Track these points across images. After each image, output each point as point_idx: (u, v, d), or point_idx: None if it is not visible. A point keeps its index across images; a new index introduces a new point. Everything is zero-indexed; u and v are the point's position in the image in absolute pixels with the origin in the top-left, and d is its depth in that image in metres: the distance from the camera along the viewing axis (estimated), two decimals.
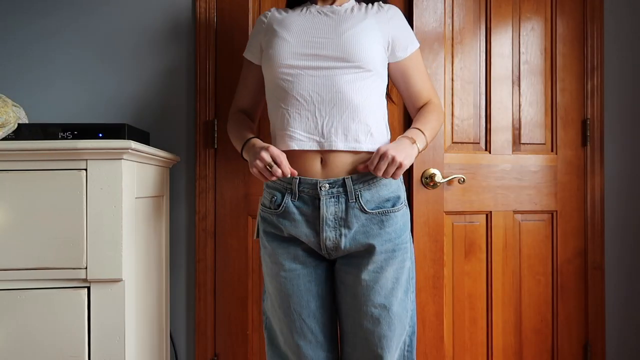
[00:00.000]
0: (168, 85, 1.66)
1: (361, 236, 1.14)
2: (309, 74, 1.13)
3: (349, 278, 1.18)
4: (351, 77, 1.13)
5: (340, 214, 1.14)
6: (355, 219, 1.14)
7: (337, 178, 1.13)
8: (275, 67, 1.16)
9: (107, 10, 1.65)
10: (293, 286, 1.18)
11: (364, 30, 1.17)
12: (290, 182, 1.15)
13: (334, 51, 1.13)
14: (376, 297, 1.14)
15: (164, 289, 1.55)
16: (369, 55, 1.15)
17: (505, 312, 1.75)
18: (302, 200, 1.15)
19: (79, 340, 1.11)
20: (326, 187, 1.13)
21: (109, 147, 1.11)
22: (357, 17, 1.20)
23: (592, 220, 1.81)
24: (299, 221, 1.15)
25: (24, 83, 1.61)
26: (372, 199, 1.15)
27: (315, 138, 1.13)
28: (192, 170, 1.67)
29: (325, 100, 1.12)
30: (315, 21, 1.19)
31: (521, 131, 1.78)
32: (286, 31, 1.18)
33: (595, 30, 1.81)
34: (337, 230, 1.14)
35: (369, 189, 1.15)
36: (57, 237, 1.10)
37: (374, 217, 1.15)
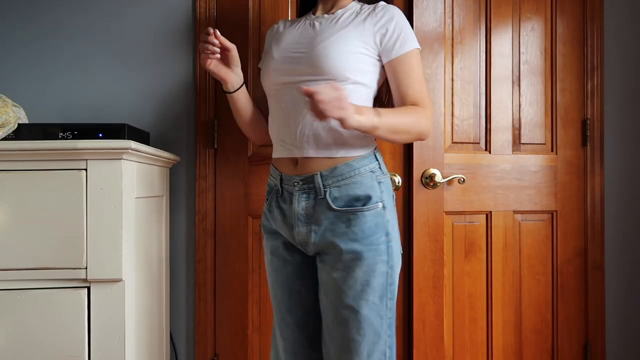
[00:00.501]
0: (168, 85, 1.66)
1: (329, 233, 1.14)
2: (288, 88, 1.18)
3: (322, 275, 1.18)
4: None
5: (309, 209, 1.16)
6: (323, 216, 1.15)
7: (308, 174, 1.16)
8: (265, 83, 1.25)
9: (107, 11, 1.65)
10: (276, 280, 1.26)
11: (335, 42, 1.15)
12: (277, 177, 1.23)
13: (305, 66, 1.16)
14: (344, 297, 1.12)
15: (164, 289, 1.55)
16: (339, 67, 1.14)
17: (505, 312, 1.75)
18: (283, 197, 1.22)
19: (79, 340, 1.11)
20: (299, 184, 1.17)
21: (109, 147, 1.11)
22: (338, 26, 1.19)
23: (592, 220, 1.81)
24: (280, 216, 1.22)
25: (24, 83, 1.61)
26: (341, 197, 1.14)
27: (290, 147, 1.19)
28: (192, 170, 1.67)
29: (298, 110, 1.16)
30: (301, 34, 1.22)
31: (521, 131, 1.78)
32: (276, 47, 1.24)
33: (595, 30, 1.81)
34: (308, 226, 1.16)
35: (338, 186, 1.15)
36: (57, 237, 1.10)
37: (342, 215, 1.14)
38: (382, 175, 1.20)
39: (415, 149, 1.68)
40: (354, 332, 1.12)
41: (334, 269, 1.14)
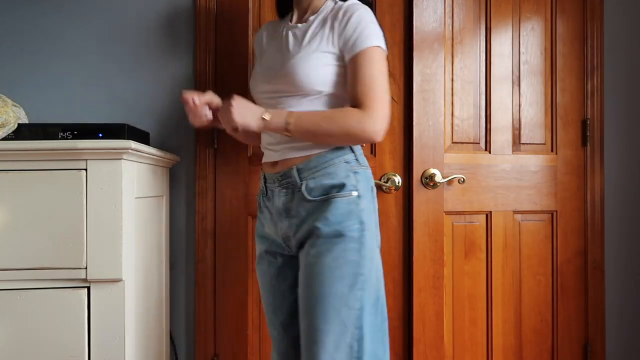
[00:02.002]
0: (168, 85, 1.66)
1: (305, 225, 1.16)
2: (267, 99, 1.24)
3: (300, 269, 1.18)
4: (297, 101, 1.19)
5: (288, 203, 1.20)
6: (301, 208, 1.17)
7: (285, 170, 1.20)
8: (252, 97, 1.30)
9: (107, 11, 1.65)
10: (262, 283, 1.31)
11: (305, 58, 1.17)
12: (261, 179, 1.30)
13: (278, 82, 1.21)
14: (313, 284, 1.11)
15: (164, 289, 1.55)
16: (309, 82, 1.16)
17: (505, 312, 1.75)
18: (267, 196, 1.26)
19: (79, 340, 1.11)
20: (279, 180, 1.21)
21: (108, 147, 1.11)
22: (307, 38, 1.19)
23: (592, 220, 1.81)
24: (268, 215, 1.26)
25: (24, 83, 1.61)
26: (316, 187, 1.17)
27: (274, 149, 1.24)
28: (192, 170, 1.67)
29: None
30: (277, 49, 1.27)
31: (521, 131, 1.78)
32: (259, 61, 1.32)
33: (595, 30, 1.81)
34: (289, 220, 1.19)
35: (314, 178, 1.17)
36: (57, 237, 1.10)
37: (317, 204, 1.16)
38: (359, 166, 1.20)
39: (415, 149, 1.68)
40: (319, 321, 1.09)
41: (307, 255, 1.15)
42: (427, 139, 1.68)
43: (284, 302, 1.26)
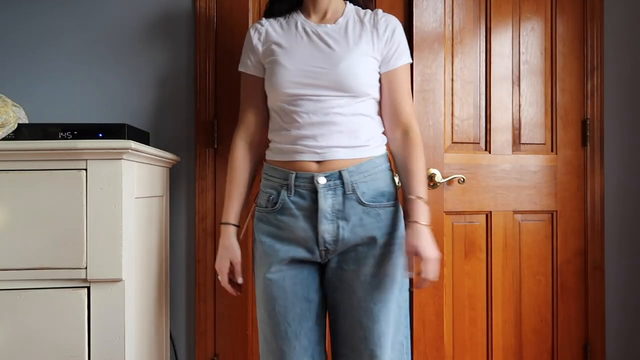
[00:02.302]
0: (168, 85, 1.66)
1: (359, 229, 1.17)
2: (308, 99, 1.19)
3: (346, 274, 1.19)
4: (346, 102, 1.19)
5: (337, 206, 1.17)
6: (352, 211, 1.17)
7: (334, 171, 1.17)
8: (278, 94, 1.22)
9: (107, 11, 1.64)
10: (279, 288, 1.20)
11: (357, 60, 1.20)
12: (286, 177, 1.19)
13: (329, 82, 1.18)
14: (375, 292, 1.16)
15: (164, 289, 1.55)
16: (362, 86, 1.20)
17: (505, 312, 1.75)
18: (299, 195, 1.18)
19: (79, 340, 1.11)
20: (323, 180, 1.16)
21: (108, 147, 1.11)
22: (351, 40, 1.22)
23: (592, 220, 1.81)
24: (297, 216, 1.18)
25: (24, 83, 1.61)
26: (368, 191, 1.18)
27: (315, 151, 1.19)
28: (192, 170, 1.67)
29: (322, 122, 1.18)
30: (312, 47, 1.22)
31: (521, 131, 1.78)
32: (286, 57, 1.22)
33: (595, 30, 1.81)
34: (335, 222, 1.16)
35: (365, 182, 1.18)
36: (57, 237, 1.10)
37: (370, 210, 1.18)
38: (393, 174, 1.27)
39: None
40: (383, 326, 1.16)
41: (362, 264, 1.17)
42: (427, 139, 1.68)
43: (312, 309, 1.22)
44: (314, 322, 1.22)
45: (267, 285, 1.20)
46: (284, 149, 1.22)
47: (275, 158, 1.25)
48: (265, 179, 1.26)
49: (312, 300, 1.21)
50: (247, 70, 1.32)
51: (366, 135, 1.21)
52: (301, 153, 1.19)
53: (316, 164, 1.19)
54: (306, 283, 1.21)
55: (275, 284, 1.20)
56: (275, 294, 1.20)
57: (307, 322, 1.21)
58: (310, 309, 1.21)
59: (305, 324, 1.20)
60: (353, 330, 1.18)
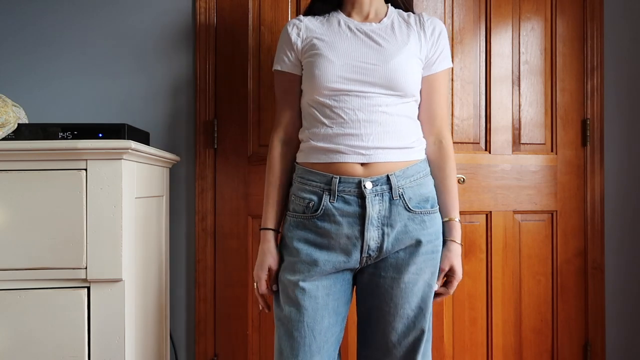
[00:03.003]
0: (168, 85, 1.66)
1: (403, 236, 1.14)
2: (354, 95, 1.14)
3: (385, 281, 1.15)
4: (393, 101, 1.16)
5: (384, 212, 1.13)
6: (398, 217, 1.13)
7: (380, 176, 1.13)
8: (319, 88, 1.16)
9: (108, 11, 1.65)
10: (310, 298, 1.13)
11: (407, 59, 1.17)
12: (329, 182, 1.13)
13: (379, 79, 1.14)
14: (414, 299, 1.15)
15: (164, 289, 1.55)
16: (412, 86, 1.17)
17: (505, 312, 1.75)
18: (343, 201, 1.13)
19: (79, 340, 1.11)
20: (370, 185, 1.12)
21: (108, 147, 1.11)
22: (400, 39, 1.19)
23: (592, 220, 1.81)
24: (341, 223, 1.12)
25: (24, 83, 1.61)
26: (414, 197, 1.15)
27: (361, 152, 1.13)
28: (192, 170, 1.67)
29: (369, 120, 1.14)
30: (359, 44, 1.18)
31: (521, 131, 1.78)
32: (330, 51, 1.17)
33: (595, 30, 1.81)
34: (380, 229, 1.12)
35: (412, 187, 1.15)
36: (57, 237, 1.10)
37: (416, 217, 1.15)
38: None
39: None
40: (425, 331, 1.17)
41: (404, 271, 1.14)
42: None
43: (338, 320, 1.18)
44: (337, 335, 1.19)
45: (299, 293, 1.13)
46: (323, 148, 1.15)
47: (312, 160, 1.17)
48: (302, 182, 1.18)
49: (340, 313, 1.18)
50: (284, 68, 1.24)
51: (411, 137, 1.18)
52: (344, 154, 1.13)
53: (361, 167, 1.13)
54: (338, 295, 1.16)
55: (307, 293, 1.12)
56: (306, 304, 1.12)
57: (332, 335, 1.16)
58: (337, 322, 1.18)
59: (330, 338, 1.16)
60: (387, 335, 1.17)
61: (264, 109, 1.67)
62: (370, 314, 1.20)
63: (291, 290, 1.14)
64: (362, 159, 1.13)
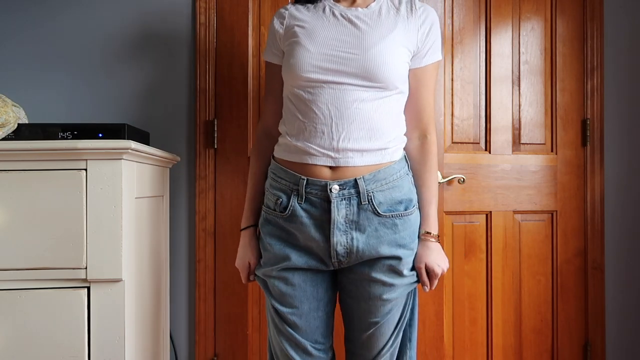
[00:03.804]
0: (168, 85, 1.67)
1: (374, 240, 1.10)
2: (330, 87, 1.08)
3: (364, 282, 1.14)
4: (371, 95, 1.09)
5: (351, 216, 1.09)
6: (368, 222, 1.09)
7: (348, 179, 1.08)
8: (294, 78, 1.11)
9: (108, 11, 1.65)
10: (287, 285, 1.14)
11: (390, 47, 1.09)
12: (297, 182, 1.10)
13: (356, 69, 1.07)
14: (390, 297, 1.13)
15: (164, 289, 1.55)
16: (393, 76, 1.10)
17: (505, 312, 1.75)
18: (310, 203, 1.10)
19: (79, 340, 1.11)
20: (336, 189, 1.08)
21: (108, 147, 1.11)
22: (384, 26, 1.12)
23: (592, 220, 1.81)
24: (308, 225, 1.10)
25: (24, 83, 1.61)
26: (385, 201, 1.10)
27: (330, 154, 1.09)
28: (192, 170, 1.67)
29: (343, 116, 1.08)
30: (339, 30, 1.11)
31: (521, 131, 1.78)
32: (308, 39, 1.11)
33: (595, 30, 1.81)
34: (349, 234, 1.09)
35: (382, 191, 1.10)
36: (57, 237, 1.10)
37: (387, 221, 1.10)
38: (411, 176, 1.19)
39: None
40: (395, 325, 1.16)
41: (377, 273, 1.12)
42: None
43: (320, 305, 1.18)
44: (322, 319, 1.19)
45: (276, 282, 1.15)
46: (295, 147, 1.12)
47: (284, 157, 1.15)
48: (273, 179, 1.16)
49: (321, 299, 1.17)
50: (268, 58, 1.23)
51: (388, 137, 1.11)
52: (314, 156, 1.09)
53: (329, 170, 1.09)
54: (316, 282, 1.16)
55: (284, 280, 1.14)
56: (284, 290, 1.14)
57: (314, 319, 1.17)
58: (319, 308, 1.17)
59: (312, 322, 1.17)
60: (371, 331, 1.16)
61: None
62: (352, 311, 1.19)
63: (270, 282, 1.16)
64: (331, 162, 1.09)
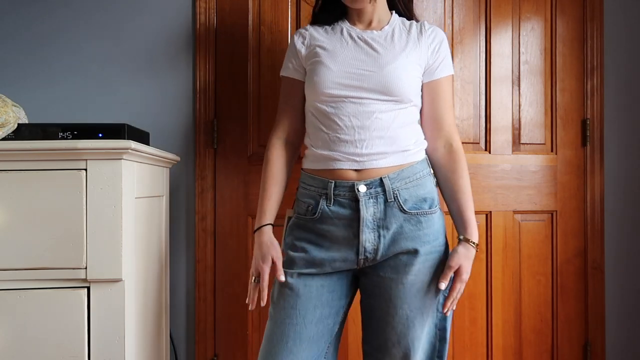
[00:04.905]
0: (168, 84, 1.67)
1: (400, 237, 1.16)
2: (350, 102, 1.18)
3: (384, 282, 1.17)
4: (388, 107, 1.18)
5: (379, 214, 1.15)
6: (393, 219, 1.15)
7: (374, 179, 1.16)
8: (318, 94, 1.21)
9: (108, 11, 1.65)
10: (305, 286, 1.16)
11: (404, 65, 1.19)
12: (325, 186, 1.18)
13: (374, 85, 1.17)
14: (413, 300, 1.15)
15: (164, 289, 1.55)
16: (408, 91, 1.19)
17: (505, 312, 1.75)
18: (339, 204, 1.17)
19: (79, 340, 1.11)
20: (364, 189, 1.15)
21: (108, 147, 1.11)
22: (397, 46, 1.22)
23: (592, 220, 1.81)
24: (338, 225, 1.17)
25: (24, 83, 1.61)
26: (410, 198, 1.17)
27: (355, 159, 1.17)
28: (192, 170, 1.67)
29: (363, 126, 1.17)
30: (357, 51, 1.22)
31: (521, 131, 1.78)
32: (330, 59, 1.22)
33: (595, 30, 1.81)
34: (376, 231, 1.15)
35: (407, 188, 1.17)
36: (57, 237, 1.10)
37: (412, 218, 1.16)
38: (434, 178, 1.25)
39: None
40: (418, 330, 1.17)
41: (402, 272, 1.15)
42: None
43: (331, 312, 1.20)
44: (330, 328, 1.20)
45: (293, 280, 1.16)
46: (321, 155, 1.20)
47: (312, 166, 1.22)
48: (303, 187, 1.24)
49: (333, 306, 1.20)
50: (288, 74, 1.31)
51: (407, 142, 1.19)
52: (339, 161, 1.17)
53: (355, 172, 1.17)
54: (333, 288, 1.19)
55: (302, 281, 1.16)
56: (300, 291, 1.16)
57: (324, 327, 1.18)
58: (331, 315, 1.19)
59: (322, 329, 1.18)
60: (386, 335, 1.18)
61: (264, 109, 1.67)
62: (371, 313, 1.21)
63: (286, 280, 1.17)
64: (356, 166, 1.17)
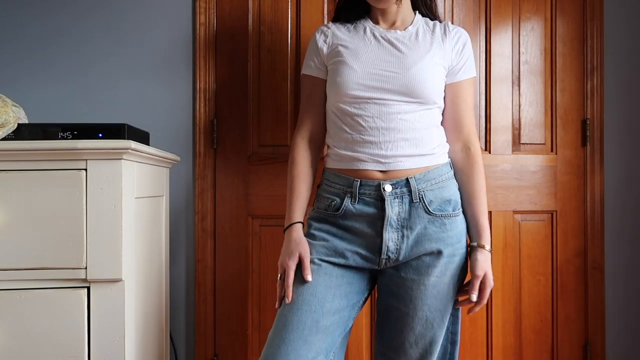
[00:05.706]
0: (168, 85, 1.67)
1: (423, 238, 1.15)
2: (374, 103, 1.16)
3: (405, 282, 1.16)
4: (413, 108, 1.17)
5: (403, 214, 1.15)
6: (418, 220, 1.15)
7: (400, 179, 1.15)
8: (341, 95, 1.19)
9: (107, 11, 1.65)
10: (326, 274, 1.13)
11: (428, 66, 1.18)
12: (350, 185, 1.17)
13: (399, 86, 1.16)
14: (433, 302, 1.15)
15: (164, 289, 1.55)
16: (432, 93, 1.18)
17: (505, 312, 1.75)
18: (364, 203, 1.16)
19: (79, 340, 1.11)
20: (389, 188, 1.14)
21: (108, 147, 1.11)
22: (422, 47, 1.21)
23: (592, 220, 1.81)
24: (361, 222, 1.16)
25: (24, 83, 1.61)
26: (435, 199, 1.16)
27: (380, 160, 1.16)
28: (192, 170, 1.67)
29: (388, 127, 1.16)
30: (381, 51, 1.20)
31: (521, 131, 1.78)
32: (353, 58, 1.20)
33: (595, 30, 1.81)
34: (400, 231, 1.15)
35: (432, 190, 1.17)
36: (57, 237, 1.10)
37: (436, 220, 1.16)
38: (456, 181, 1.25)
39: None
40: (437, 333, 1.17)
41: (424, 274, 1.15)
42: None
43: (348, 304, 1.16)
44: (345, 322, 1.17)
45: (315, 267, 1.14)
46: (345, 156, 1.19)
47: (336, 165, 1.21)
48: (326, 184, 1.22)
49: (351, 299, 1.17)
50: (310, 72, 1.28)
51: (431, 144, 1.19)
52: (364, 162, 1.16)
53: (381, 173, 1.16)
54: (352, 281, 1.17)
55: (323, 269, 1.14)
56: (320, 279, 1.13)
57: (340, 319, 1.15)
58: (347, 308, 1.17)
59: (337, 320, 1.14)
60: (404, 335, 1.17)
61: (264, 109, 1.67)
62: (389, 313, 1.20)
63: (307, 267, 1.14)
64: (381, 167, 1.16)
